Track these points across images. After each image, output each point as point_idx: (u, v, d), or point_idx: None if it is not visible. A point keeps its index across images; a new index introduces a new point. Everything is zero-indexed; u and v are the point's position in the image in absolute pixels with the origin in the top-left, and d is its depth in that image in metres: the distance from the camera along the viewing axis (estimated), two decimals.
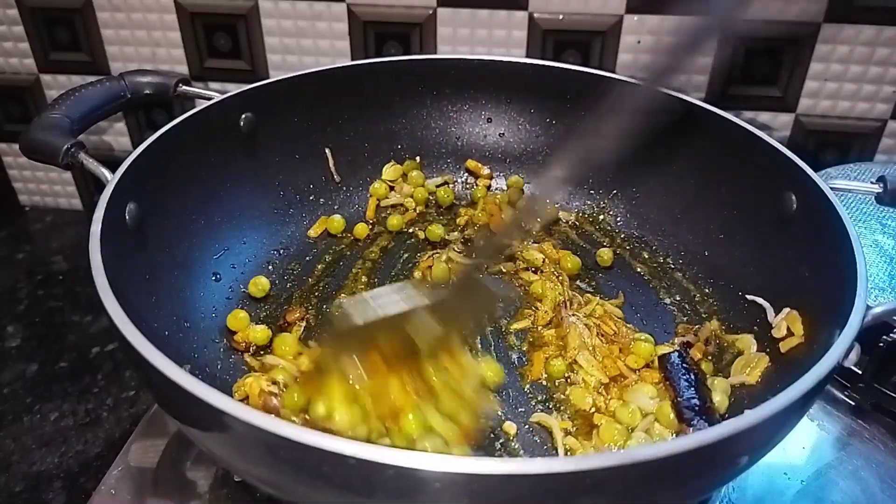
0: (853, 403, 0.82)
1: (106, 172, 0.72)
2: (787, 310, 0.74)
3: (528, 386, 0.76)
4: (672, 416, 0.69)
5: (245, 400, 0.70)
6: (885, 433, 0.79)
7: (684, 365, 0.73)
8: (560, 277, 0.87)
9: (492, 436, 0.70)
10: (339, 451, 0.43)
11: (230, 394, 0.71)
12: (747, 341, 0.77)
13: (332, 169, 0.99)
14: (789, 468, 0.75)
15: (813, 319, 0.70)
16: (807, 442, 0.78)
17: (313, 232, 0.95)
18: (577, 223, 0.99)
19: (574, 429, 0.71)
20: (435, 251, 0.93)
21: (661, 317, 0.84)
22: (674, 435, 0.68)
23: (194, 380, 0.49)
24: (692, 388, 0.70)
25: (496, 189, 1.03)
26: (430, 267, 0.89)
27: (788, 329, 0.73)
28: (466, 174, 1.05)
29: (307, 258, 0.92)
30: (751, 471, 0.73)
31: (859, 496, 0.73)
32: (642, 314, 0.85)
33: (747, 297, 0.80)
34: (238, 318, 0.80)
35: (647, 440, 0.68)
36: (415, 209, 1.00)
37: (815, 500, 0.73)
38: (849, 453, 0.78)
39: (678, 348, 0.77)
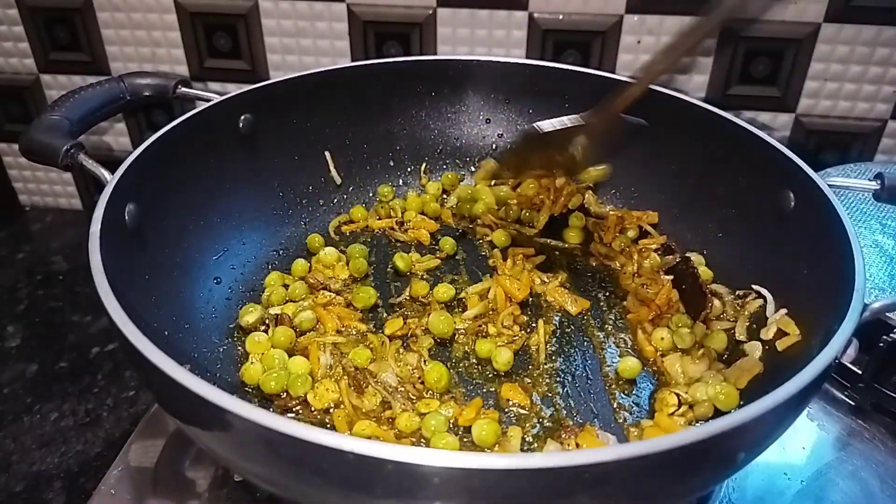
0: (853, 403, 0.82)
1: (105, 173, 0.72)
2: (783, 310, 0.74)
3: None
4: None
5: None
6: (885, 433, 0.79)
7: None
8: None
9: None
10: (339, 447, 0.43)
11: (230, 393, 0.71)
12: (753, 346, 0.76)
13: (333, 170, 0.99)
14: (789, 468, 0.75)
15: (811, 317, 0.70)
16: (807, 442, 0.78)
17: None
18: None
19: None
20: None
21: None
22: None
23: (195, 378, 0.49)
24: None
25: None
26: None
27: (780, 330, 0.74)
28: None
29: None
30: (751, 470, 0.74)
31: (859, 496, 0.73)
32: None
33: (752, 287, 0.80)
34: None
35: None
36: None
37: (815, 500, 0.73)
38: (849, 453, 0.77)
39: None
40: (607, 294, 0.88)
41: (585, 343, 0.81)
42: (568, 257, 0.93)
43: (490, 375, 0.77)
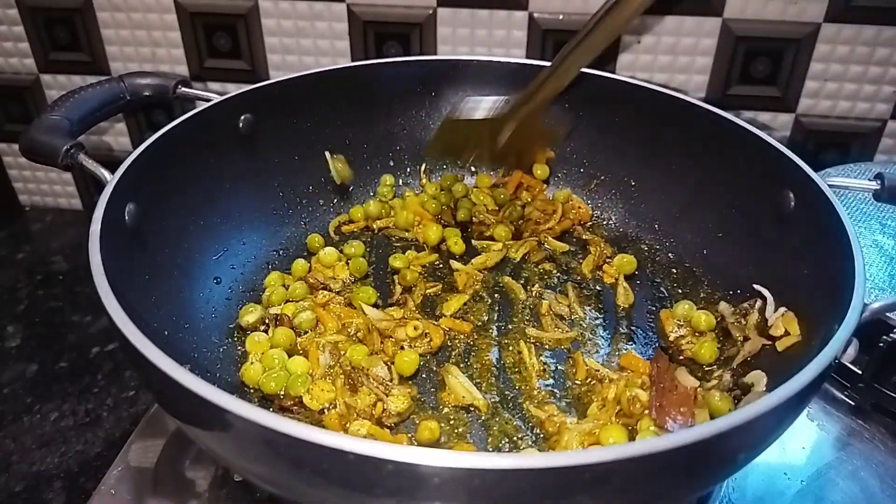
0: (853, 403, 0.82)
1: (105, 173, 0.72)
2: (783, 309, 0.74)
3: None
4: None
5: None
6: (885, 433, 0.79)
7: None
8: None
9: None
10: (338, 447, 0.43)
11: (230, 393, 0.71)
12: (758, 376, 0.72)
13: (334, 171, 0.98)
14: (789, 468, 0.75)
15: (811, 317, 0.70)
16: (807, 442, 0.78)
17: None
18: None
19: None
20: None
21: (659, 316, 0.84)
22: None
23: (195, 378, 0.49)
24: None
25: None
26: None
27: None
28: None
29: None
30: (751, 470, 0.74)
31: (859, 496, 0.73)
32: (640, 313, 0.85)
33: (754, 286, 0.80)
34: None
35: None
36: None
37: (815, 500, 0.73)
38: (849, 453, 0.77)
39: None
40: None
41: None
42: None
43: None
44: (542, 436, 0.70)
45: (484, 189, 1.02)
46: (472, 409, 0.73)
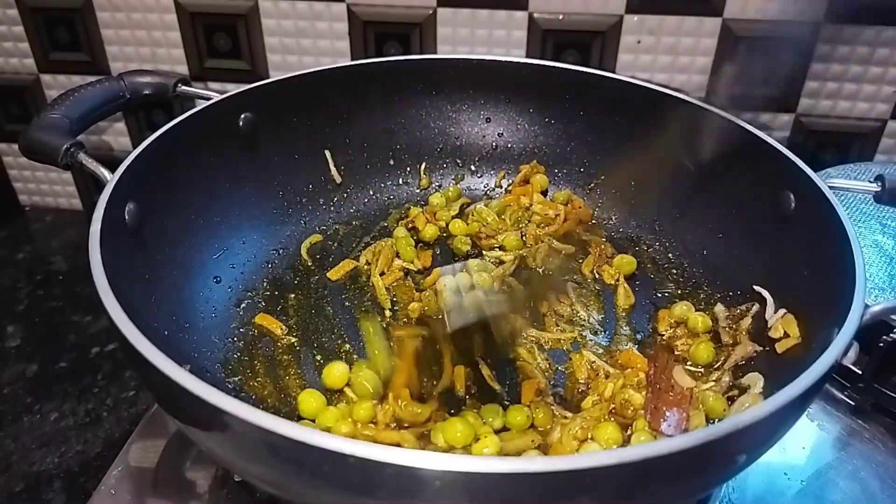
0: (853, 403, 0.82)
1: (105, 172, 0.72)
2: (782, 310, 0.74)
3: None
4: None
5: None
6: (885, 433, 0.79)
7: None
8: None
9: None
10: (339, 450, 0.43)
11: (230, 392, 0.71)
12: (755, 378, 0.72)
13: (333, 169, 0.99)
14: (789, 468, 0.75)
15: (811, 318, 0.70)
16: (807, 442, 0.78)
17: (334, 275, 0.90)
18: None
19: None
20: None
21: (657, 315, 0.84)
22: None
23: (195, 379, 0.49)
24: None
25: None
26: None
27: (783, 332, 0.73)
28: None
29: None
30: (751, 471, 0.74)
31: (859, 496, 0.73)
32: (640, 314, 0.85)
33: (754, 287, 0.80)
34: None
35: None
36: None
37: (815, 500, 0.73)
38: (849, 453, 0.78)
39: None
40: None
41: None
42: None
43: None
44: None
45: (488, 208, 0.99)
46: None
